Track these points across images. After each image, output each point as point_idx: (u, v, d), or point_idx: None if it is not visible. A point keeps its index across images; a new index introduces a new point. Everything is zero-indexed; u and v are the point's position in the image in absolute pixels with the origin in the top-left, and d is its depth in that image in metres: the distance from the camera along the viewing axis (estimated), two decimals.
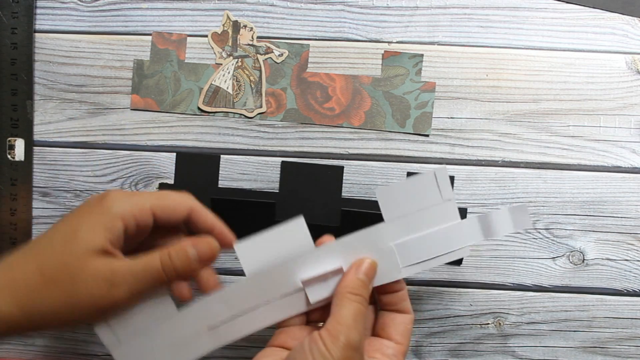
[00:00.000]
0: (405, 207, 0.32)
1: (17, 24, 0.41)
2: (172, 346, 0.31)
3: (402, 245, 0.32)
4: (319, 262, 0.31)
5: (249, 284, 0.31)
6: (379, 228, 0.32)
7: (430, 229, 0.32)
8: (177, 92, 0.41)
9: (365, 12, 0.41)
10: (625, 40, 0.40)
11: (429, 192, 0.32)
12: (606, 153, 0.41)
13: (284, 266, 0.31)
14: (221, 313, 0.31)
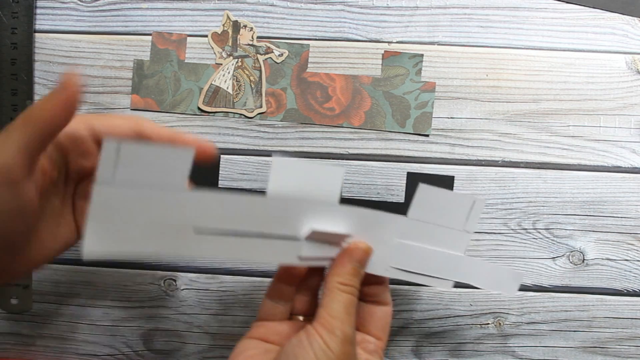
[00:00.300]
0: (429, 215, 0.31)
1: (17, 24, 0.41)
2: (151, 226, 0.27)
3: (404, 246, 0.31)
4: (333, 220, 0.30)
5: (258, 203, 0.28)
6: (397, 220, 0.31)
7: (437, 247, 0.32)
8: (177, 92, 0.41)
9: (365, 12, 0.41)
10: (625, 40, 0.40)
11: (457, 213, 0.31)
12: (606, 153, 0.41)
13: (301, 206, 0.29)
14: (214, 219, 0.28)
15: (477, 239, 0.41)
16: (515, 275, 0.34)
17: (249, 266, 0.42)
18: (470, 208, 0.31)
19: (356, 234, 0.30)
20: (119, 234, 0.26)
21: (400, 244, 0.31)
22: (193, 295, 0.42)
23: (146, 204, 0.26)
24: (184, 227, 0.27)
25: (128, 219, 0.26)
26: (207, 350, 0.43)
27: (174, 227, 0.27)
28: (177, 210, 0.27)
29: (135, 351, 0.43)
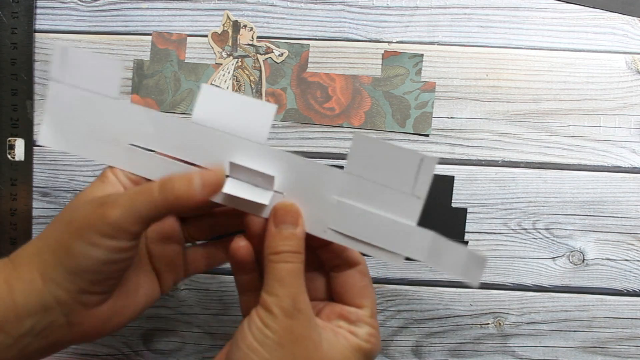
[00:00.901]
0: (370, 171, 0.27)
1: (17, 24, 0.41)
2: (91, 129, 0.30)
3: (344, 206, 0.28)
4: (258, 158, 0.28)
5: (185, 128, 0.29)
6: (333, 173, 0.28)
7: (382, 212, 0.28)
8: (177, 92, 0.41)
9: (365, 12, 0.41)
10: (625, 40, 0.40)
11: (404, 174, 0.27)
12: (606, 153, 0.41)
13: (226, 138, 0.28)
14: (145, 136, 0.29)
15: (477, 239, 0.41)
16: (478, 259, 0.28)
17: None
18: (418, 167, 0.27)
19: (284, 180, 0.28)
20: (67, 130, 0.30)
21: (339, 202, 0.28)
22: (193, 295, 0.42)
23: (86, 106, 0.30)
24: (117, 137, 0.30)
25: (73, 117, 0.30)
26: (207, 350, 0.43)
27: (109, 135, 0.30)
28: (110, 117, 0.30)
29: (135, 351, 0.43)
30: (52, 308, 0.26)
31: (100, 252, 0.26)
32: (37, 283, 0.26)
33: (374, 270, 0.41)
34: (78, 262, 0.26)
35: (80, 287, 0.26)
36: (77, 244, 0.26)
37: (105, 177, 0.29)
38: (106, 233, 0.26)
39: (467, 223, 0.41)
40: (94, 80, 0.29)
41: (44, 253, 0.26)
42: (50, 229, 0.27)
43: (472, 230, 0.41)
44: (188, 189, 0.26)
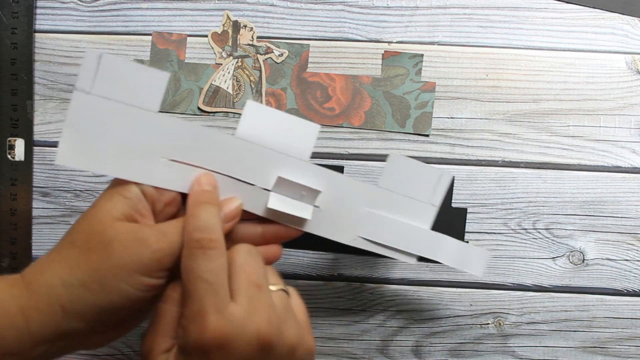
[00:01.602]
0: (399, 185, 0.31)
1: (17, 24, 0.41)
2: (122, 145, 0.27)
3: (374, 216, 0.31)
4: (304, 174, 0.30)
5: (229, 143, 0.29)
6: (367, 188, 0.31)
7: (403, 219, 0.32)
8: (177, 92, 0.41)
9: (365, 12, 0.41)
10: (625, 40, 0.40)
11: (425, 186, 0.31)
12: (606, 153, 0.41)
13: (270, 154, 0.29)
14: (184, 149, 0.28)
15: (477, 239, 0.41)
16: (482, 253, 0.34)
17: None
18: (438, 181, 0.31)
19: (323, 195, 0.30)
20: (92, 146, 0.27)
21: (369, 213, 0.31)
22: None
23: (119, 119, 0.27)
24: (153, 152, 0.28)
25: (101, 132, 0.27)
26: None
27: (144, 150, 0.27)
28: (147, 132, 0.27)
29: (135, 351, 0.43)
30: (67, 336, 0.26)
31: (137, 291, 0.25)
32: (56, 316, 0.25)
33: (374, 271, 0.41)
34: (112, 299, 0.25)
35: (104, 320, 0.26)
36: (115, 281, 0.25)
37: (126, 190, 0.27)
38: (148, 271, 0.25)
39: (467, 223, 0.41)
40: (131, 91, 0.27)
41: (70, 285, 0.25)
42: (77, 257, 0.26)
43: (472, 230, 0.41)
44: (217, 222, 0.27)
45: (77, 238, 0.26)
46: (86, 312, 0.25)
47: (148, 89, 0.27)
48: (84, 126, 0.27)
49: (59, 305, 0.25)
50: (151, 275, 0.26)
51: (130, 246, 0.25)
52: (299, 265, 0.42)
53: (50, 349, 0.26)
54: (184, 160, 0.28)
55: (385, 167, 0.31)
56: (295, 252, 0.41)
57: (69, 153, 0.27)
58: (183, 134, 0.28)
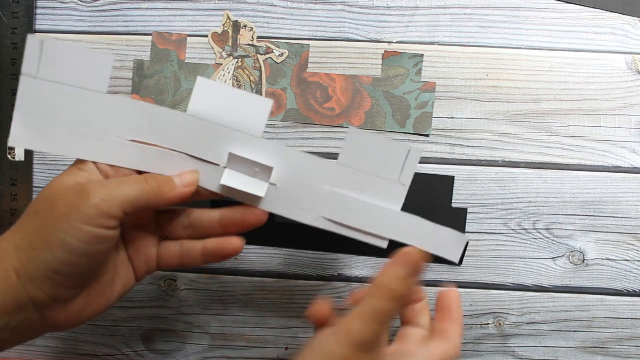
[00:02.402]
0: (362, 162, 0.30)
1: (17, 24, 0.41)
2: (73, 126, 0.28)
3: (336, 195, 0.30)
4: (255, 149, 0.29)
5: (180, 120, 0.29)
6: (327, 165, 0.30)
7: (370, 199, 0.30)
8: (177, 92, 0.41)
9: (365, 12, 0.41)
10: (625, 40, 0.40)
11: (392, 163, 0.30)
12: (606, 153, 0.41)
13: (222, 130, 0.29)
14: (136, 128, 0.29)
15: (477, 239, 0.41)
16: (458, 237, 0.31)
17: (249, 266, 0.42)
18: (405, 157, 0.29)
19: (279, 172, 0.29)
20: (43, 128, 0.28)
21: (330, 192, 0.30)
22: (193, 295, 0.42)
23: (68, 101, 0.28)
24: (105, 131, 0.28)
25: (52, 114, 0.28)
26: (207, 350, 0.43)
27: (96, 130, 0.28)
28: (98, 112, 0.28)
29: (135, 351, 0.43)
30: (25, 306, 0.26)
31: (78, 242, 0.26)
32: (12, 281, 0.25)
33: (375, 271, 0.41)
34: (55, 254, 0.25)
35: (56, 282, 0.26)
36: (57, 232, 0.25)
37: (83, 164, 0.28)
38: (88, 219, 0.25)
39: (467, 223, 0.41)
40: (78, 74, 0.28)
41: (20, 248, 0.26)
42: (27, 221, 0.27)
43: (472, 230, 0.41)
44: (170, 182, 0.28)
45: (30, 207, 0.27)
46: (36, 275, 0.26)
47: (94, 70, 0.28)
48: (33, 109, 0.28)
49: (13, 270, 0.26)
50: (94, 224, 0.26)
51: (71, 198, 0.26)
52: (299, 265, 0.42)
53: (11, 321, 0.26)
54: (139, 139, 0.29)
55: (344, 143, 0.29)
56: (295, 252, 0.41)
57: (21, 135, 0.28)
58: (135, 113, 0.28)
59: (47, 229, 0.26)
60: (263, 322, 0.42)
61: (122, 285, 0.31)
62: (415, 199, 0.40)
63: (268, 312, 0.42)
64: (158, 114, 0.29)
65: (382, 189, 0.30)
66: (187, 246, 0.32)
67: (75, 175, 0.28)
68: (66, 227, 0.25)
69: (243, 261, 0.42)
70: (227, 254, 0.31)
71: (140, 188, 0.27)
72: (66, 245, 0.25)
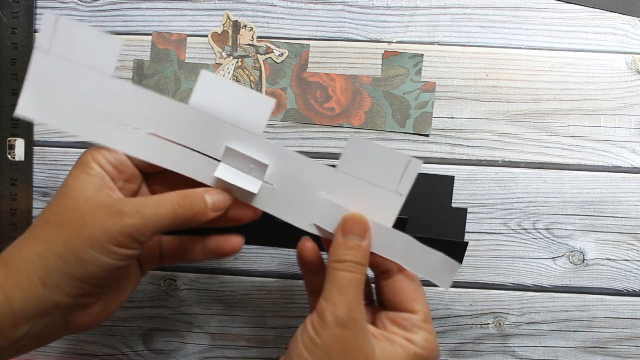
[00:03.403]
0: (361, 170, 0.29)
1: (17, 24, 0.41)
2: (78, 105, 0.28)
3: (331, 203, 0.29)
4: (253, 147, 0.29)
5: (181, 111, 0.29)
6: (325, 171, 0.29)
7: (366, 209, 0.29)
8: (177, 92, 0.41)
9: (365, 12, 0.41)
10: (625, 40, 0.40)
11: (390, 173, 0.29)
12: (606, 153, 0.41)
13: (223, 125, 0.29)
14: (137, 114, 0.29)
15: (477, 239, 0.41)
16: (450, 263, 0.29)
17: (249, 266, 0.42)
18: (405, 168, 0.29)
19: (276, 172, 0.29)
20: (50, 102, 0.28)
21: (326, 200, 0.29)
22: (193, 295, 0.42)
23: (76, 80, 0.28)
24: (108, 114, 0.29)
25: (60, 90, 0.28)
26: (207, 350, 0.43)
27: (99, 112, 0.28)
28: (103, 95, 0.28)
29: (135, 351, 0.43)
30: (51, 312, 0.26)
31: (112, 260, 0.26)
32: (37, 290, 0.25)
33: None
34: (88, 268, 0.25)
35: (83, 291, 0.26)
36: (90, 251, 0.25)
37: (89, 168, 0.28)
38: (122, 242, 0.26)
39: (467, 223, 0.41)
40: (87, 54, 0.28)
41: (47, 259, 0.26)
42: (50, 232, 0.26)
43: (472, 230, 0.41)
44: (203, 207, 0.28)
45: (51, 216, 0.27)
46: (65, 284, 0.26)
47: (103, 53, 0.28)
48: (43, 83, 0.28)
49: (38, 279, 0.25)
50: (124, 247, 0.26)
51: (103, 218, 0.26)
52: None
53: (35, 328, 0.26)
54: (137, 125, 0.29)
55: (345, 150, 0.29)
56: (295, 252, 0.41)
57: (29, 106, 0.28)
58: (137, 99, 0.29)
59: (77, 245, 0.26)
60: (263, 322, 0.42)
61: (133, 283, 0.31)
62: (415, 199, 0.40)
63: (268, 312, 0.42)
64: (160, 103, 0.29)
65: (378, 198, 0.29)
66: (187, 243, 0.32)
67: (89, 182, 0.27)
68: (99, 247, 0.25)
69: (243, 261, 0.42)
70: (226, 251, 0.31)
71: (173, 214, 0.27)
72: (99, 262, 0.26)
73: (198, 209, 0.28)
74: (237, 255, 0.42)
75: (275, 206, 0.30)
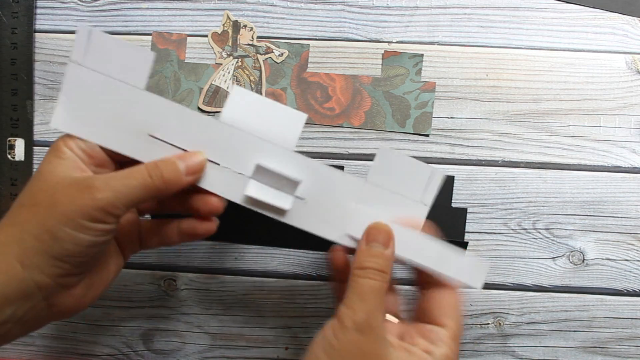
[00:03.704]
0: (388, 181, 0.30)
1: (17, 24, 0.41)
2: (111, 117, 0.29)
3: (362, 213, 0.30)
4: (285, 162, 0.29)
5: (213, 127, 0.29)
6: (355, 183, 0.30)
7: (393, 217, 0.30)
8: (177, 92, 0.41)
9: (365, 12, 0.41)
10: (625, 40, 0.40)
11: (416, 183, 0.30)
12: (606, 153, 0.41)
13: (254, 140, 0.29)
14: (168, 128, 0.29)
15: (477, 239, 0.41)
16: (480, 263, 0.31)
17: (249, 266, 0.42)
18: (429, 179, 0.30)
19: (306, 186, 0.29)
20: (83, 115, 0.29)
21: (357, 209, 0.30)
22: (193, 295, 0.42)
23: (108, 92, 0.28)
24: (139, 127, 0.29)
25: (93, 102, 0.29)
26: (207, 350, 0.43)
27: (130, 124, 0.29)
28: (134, 107, 0.29)
29: (135, 351, 0.43)
30: (32, 294, 0.26)
31: (87, 236, 0.26)
32: (16, 271, 0.26)
33: None
34: (64, 246, 0.26)
35: (63, 270, 0.26)
36: (64, 228, 0.25)
37: (61, 152, 0.28)
38: (95, 217, 0.26)
39: (467, 223, 0.41)
40: (120, 67, 0.28)
41: (23, 240, 0.26)
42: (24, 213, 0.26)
43: (472, 230, 0.41)
44: (175, 174, 0.28)
45: (25, 199, 0.27)
46: (43, 264, 0.26)
47: (135, 66, 0.28)
48: (77, 95, 0.28)
49: (17, 261, 0.26)
50: (98, 221, 0.26)
51: (74, 195, 0.26)
52: (299, 265, 0.42)
53: (18, 311, 0.26)
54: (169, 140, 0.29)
55: (375, 162, 0.30)
56: (295, 252, 0.41)
57: (63, 119, 0.29)
58: (168, 113, 0.29)
59: (52, 223, 0.26)
60: (263, 322, 0.42)
61: (115, 266, 0.31)
62: None
63: (268, 312, 0.42)
64: (190, 118, 0.29)
65: (405, 208, 0.30)
66: (164, 225, 0.32)
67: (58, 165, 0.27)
68: (73, 224, 0.26)
69: (243, 261, 0.42)
70: (200, 233, 0.31)
71: (144, 184, 0.27)
72: (75, 239, 0.26)
73: (170, 176, 0.28)
74: (237, 255, 0.42)
75: (307, 220, 0.30)
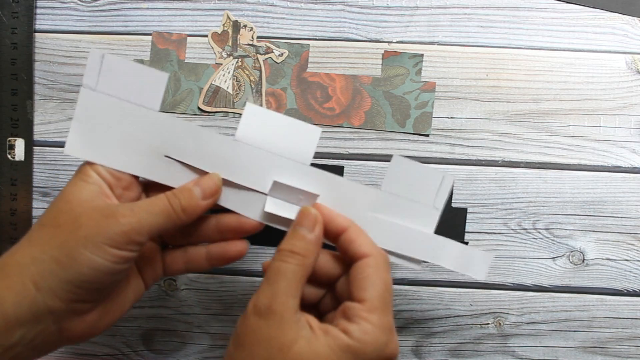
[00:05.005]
0: (402, 188, 0.31)
1: (17, 24, 0.41)
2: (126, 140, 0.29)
3: (378, 221, 0.31)
4: (301, 177, 0.29)
5: (228, 146, 0.29)
6: (370, 192, 0.31)
7: (407, 223, 0.31)
8: (177, 92, 0.41)
9: (365, 12, 0.41)
10: (625, 40, 0.40)
11: (427, 189, 0.31)
12: (606, 153, 0.41)
13: (269, 157, 0.29)
14: (183, 149, 0.29)
15: (477, 239, 0.41)
16: (485, 256, 0.32)
17: (249, 266, 0.42)
18: (440, 183, 0.31)
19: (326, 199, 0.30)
20: (97, 140, 0.29)
21: (374, 218, 0.31)
22: (193, 295, 0.42)
23: (122, 116, 0.28)
24: (154, 148, 0.29)
25: (106, 127, 0.28)
26: (207, 350, 0.43)
27: (146, 147, 0.29)
28: (149, 129, 0.29)
29: (135, 351, 0.43)
30: (43, 317, 0.26)
31: (106, 262, 0.26)
32: (29, 293, 0.25)
33: None
34: (81, 270, 0.25)
35: (77, 296, 0.26)
36: (85, 252, 0.25)
37: (87, 176, 0.28)
38: (118, 243, 0.26)
39: (467, 223, 0.41)
40: (133, 90, 0.28)
41: (41, 261, 0.26)
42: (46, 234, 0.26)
43: (472, 230, 0.41)
44: (193, 200, 0.28)
45: (47, 219, 0.27)
46: (58, 287, 0.26)
47: (148, 88, 0.28)
48: (90, 120, 0.28)
49: (32, 282, 0.25)
50: (120, 248, 0.26)
51: (98, 220, 0.26)
52: None
53: (28, 334, 0.26)
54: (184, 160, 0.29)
55: (389, 170, 0.30)
56: None
57: (76, 144, 0.29)
58: (183, 134, 0.29)
59: (72, 246, 0.26)
60: None
61: (134, 294, 0.31)
62: None
63: None
64: (206, 137, 0.29)
65: (418, 214, 0.31)
66: (191, 252, 0.32)
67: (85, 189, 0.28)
68: (94, 248, 0.25)
69: (243, 261, 0.42)
70: (231, 257, 0.31)
71: (167, 215, 0.27)
72: (93, 264, 0.26)
73: (188, 202, 0.28)
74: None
75: None
